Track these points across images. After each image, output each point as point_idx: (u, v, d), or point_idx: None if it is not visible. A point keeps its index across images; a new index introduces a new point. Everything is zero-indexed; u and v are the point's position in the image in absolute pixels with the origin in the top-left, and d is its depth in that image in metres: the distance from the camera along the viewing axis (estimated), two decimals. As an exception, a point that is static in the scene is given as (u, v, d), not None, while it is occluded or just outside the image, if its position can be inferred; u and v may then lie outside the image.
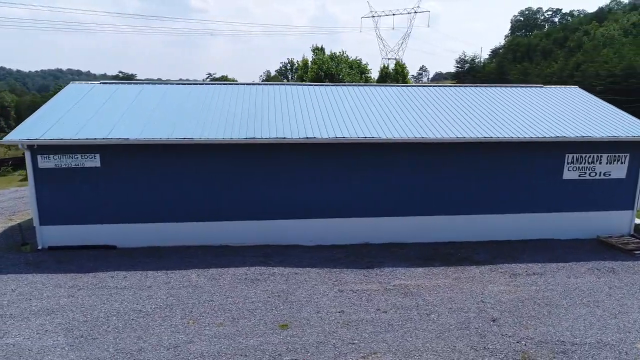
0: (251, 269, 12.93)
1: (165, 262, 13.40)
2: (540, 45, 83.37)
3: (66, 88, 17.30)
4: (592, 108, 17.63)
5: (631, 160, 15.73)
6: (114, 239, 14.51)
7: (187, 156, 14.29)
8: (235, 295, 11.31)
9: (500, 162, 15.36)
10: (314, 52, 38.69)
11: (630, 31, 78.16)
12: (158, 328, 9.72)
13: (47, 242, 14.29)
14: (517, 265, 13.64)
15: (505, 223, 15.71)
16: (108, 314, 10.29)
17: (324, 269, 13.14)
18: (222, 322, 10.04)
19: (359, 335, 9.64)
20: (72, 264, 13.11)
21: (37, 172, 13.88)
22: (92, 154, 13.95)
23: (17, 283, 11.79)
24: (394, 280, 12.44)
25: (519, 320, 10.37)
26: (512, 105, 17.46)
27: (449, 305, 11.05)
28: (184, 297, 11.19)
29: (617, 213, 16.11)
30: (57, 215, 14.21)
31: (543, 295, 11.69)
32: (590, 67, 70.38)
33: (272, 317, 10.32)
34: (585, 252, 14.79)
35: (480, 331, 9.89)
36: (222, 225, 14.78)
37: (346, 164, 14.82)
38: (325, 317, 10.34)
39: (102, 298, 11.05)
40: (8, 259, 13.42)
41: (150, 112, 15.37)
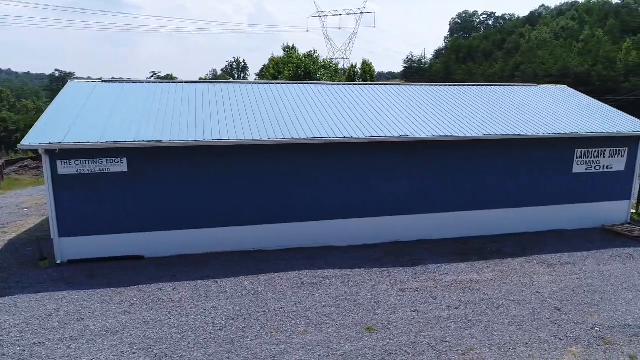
0: (302, 273, 12.61)
1: (207, 270, 12.72)
2: (481, 47, 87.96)
3: (67, 88, 15.88)
4: (588, 106, 18.89)
5: (629, 153, 17.04)
6: (141, 249, 13.56)
7: (219, 158, 13.64)
8: (302, 301, 10.98)
9: (518, 158, 16.04)
10: (285, 51, 38.31)
11: (560, 34, 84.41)
12: (243, 340, 9.23)
13: (66, 255, 13.08)
14: (546, 256, 14.33)
15: (522, 216, 16.44)
16: (180, 329, 9.61)
17: (372, 269, 13.09)
18: (306, 329, 9.72)
19: (446, 333, 9.71)
20: (106, 278, 12.09)
21: (56, 179, 12.65)
22: (118, 157, 12.93)
23: (57, 302, 10.70)
24: (446, 277, 12.64)
25: (580, 308, 10.92)
26: (522, 103, 18.29)
27: (510, 298, 11.40)
28: (249, 305, 10.70)
29: (617, 203, 17.40)
30: (78, 226, 13.05)
31: (586, 282, 12.37)
32: (529, 68, 75.41)
33: (351, 320, 10.13)
34: (599, 241, 15.82)
35: (553, 321, 10.31)
36: (254, 230, 14.27)
37: (377, 164, 14.82)
38: (403, 317, 10.31)
39: (163, 312, 10.30)
40: (30, 276, 12.13)
41: (171, 112, 14.51)
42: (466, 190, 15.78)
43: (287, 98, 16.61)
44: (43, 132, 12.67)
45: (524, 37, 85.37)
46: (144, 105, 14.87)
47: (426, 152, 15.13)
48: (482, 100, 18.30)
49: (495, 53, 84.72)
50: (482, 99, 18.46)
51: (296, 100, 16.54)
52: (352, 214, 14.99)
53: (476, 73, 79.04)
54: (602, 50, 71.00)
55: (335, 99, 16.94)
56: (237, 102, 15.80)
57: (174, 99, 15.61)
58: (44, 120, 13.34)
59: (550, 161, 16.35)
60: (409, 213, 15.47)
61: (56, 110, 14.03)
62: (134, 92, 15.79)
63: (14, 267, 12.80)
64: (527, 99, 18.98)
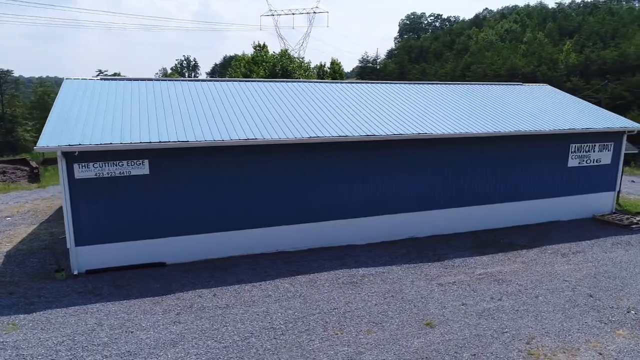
0: (338, 272, 12.51)
1: (239, 274, 12.32)
2: (432, 48, 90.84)
3: (66, 86, 14.77)
4: (573, 103, 20.07)
5: (615, 148, 18.28)
6: (163, 255, 12.90)
7: (241, 158, 13.23)
8: (352, 300, 10.90)
9: (521, 154, 16.75)
10: (256, 50, 37.66)
11: (505, 37, 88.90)
12: (311, 344, 9.04)
13: (84, 265, 12.20)
14: (556, 246, 15.09)
15: (525, 209, 17.20)
16: (242, 336, 9.26)
17: (402, 265, 13.21)
18: (369, 328, 9.67)
19: (502, 323, 10.00)
20: (134, 287, 11.41)
21: (73, 183, 11.77)
22: (140, 160, 12.22)
23: (94, 316, 9.96)
24: (475, 270, 12.99)
25: (609, 294, 11.60)
26: (516, 101, 19.10)
27: (543, 287, 11.91)
28: (301, 308, 10.48)
29: (604, 194, 18.62)
30: (96, 233, 12.21)
31: (603, 270, 13.15)
32: (479, 68, 78.76)
33: (407, 317, 10.19)
34: (595, 230, 16.86)
35: (590, 306, 10.88)
36: (276, 231, 13.97)
37: (395, 162, 14.96)
38: (455, 311, 10.50)
39: (216, 320, 9.87)
40: (50, 290, 11.20)
41: (186, 112, 13.91)
42: (475, 185, 16.28)
43: (299, 96, 16.41)
44: (58, 133, 11.74)
45: (472, 38, 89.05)
46: (156, 105, 14.15)
47: (442, 149, 15.46)
48: (482, 98, 18.94)
49: (446, 54, 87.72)
50: (482, 97, 19.11)
51: (309, 98, 16.37)
52: (370, 213, 15.04)
53: (429, 73, 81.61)
54: (545, 52, 75.53)
55: (344, 98, 16.92)
56: (250, 101, 15.40)
57: (183, 97, 14.97)
58: (54, 121, 12.36)
59: (550, 156, 17.22)
60: (423, 209, 15.73)
61: (63, 111, 13.03)
62: (140, 91, 14.98)
63: (27, 280, 11.77)
64: (519, 97, 19.86)
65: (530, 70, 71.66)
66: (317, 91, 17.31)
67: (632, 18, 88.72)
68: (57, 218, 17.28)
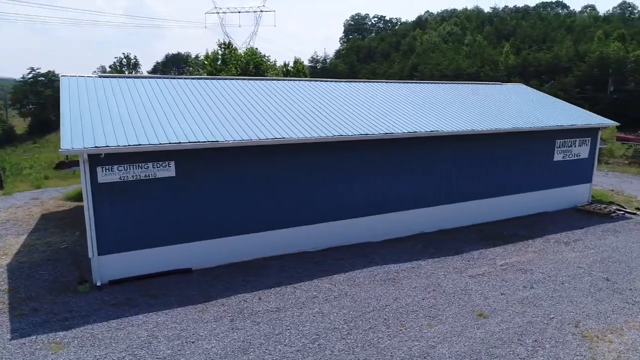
0: (372, 270, 12.59)
1: (274, 276, 12.05)
2: (379, 48, 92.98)
3: (66, 84, 13.67)
4: (551, 101, 21.42)
5: (591, 142, 19.74)
6: (189, 261, 12.34)
7: (264, 157, 12.94)
8: (399, 296, 11.03)
9: (516, 150, 17.64)
10: (220, 47, 36.70)
11: (447, 39, 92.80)
12: (382, 341, 9.07)
13: (107, 275, 11.41)
14: (555, 235, 16.06)
15: (519, 202, 18.16)
16: (310, 338, 9.10)
17: (427, 260, 13.51)
18: (428, 322, 9.84)
19: (545, 310, 10.54)
20: (171, 296, 10.83)
21: (96, 188, 10.96)
22: (166, 161, 11.61)
23: (143, 328, 9.36)
24: (495, 261, 13.56)
25: (622, 277, 12.55)
26: (503, 100, 20.07)
27: (564, 274, 12.66)
28: (353, 306, 10.45)
29: (582, 186, 20.05)
30: (120, 241, 11.46)
31: (606, 255, 14.18)
32: (426, 69, 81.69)
33: (458, 309, 10.47)
34: (581, 219, 18.12)
35: (613, 290, 11.73)
36: (298, 231, 13.80)
37: (407, 159, 15.26)
38: (498, 301, 10.93)
39: (274, 324, 9.62)
40: (78, 303, 10.36)
41: (204, 111, 13.39)
42: (477, 180, 16.96)
43: (315, 95, 16.29)
44: (79, 135, 10.89)
45: (417, 40, 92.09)
46: (170, 103, 13.49)
47: (448, 147, 15.95)
48: (475, 97, 19.72)
49: (393, 54, 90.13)
50: (475, 96, 19.89)
51: (326, 97, 16.34)
52: (383, 210, 15.23)
53: (379, 73, 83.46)
54: (486, 53, 79.70)
55: (349, 97, 17.01)
56: (270, 100, 15.13)
57: (199, 95, 14.41)
58: (70, 121, 11.44)
59: (539, 151, 18.29)
60: (431, 205, 16.17)
61: (74, 111, 12.08)
62: (149, 89, 14.21)
63: (46, 294, 10.82)
64: (506, 96, 20.89)
65: (474, 71, 75.28)
66: (330, 90, 17.30)
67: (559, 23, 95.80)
68: (45, 227, 15.98)
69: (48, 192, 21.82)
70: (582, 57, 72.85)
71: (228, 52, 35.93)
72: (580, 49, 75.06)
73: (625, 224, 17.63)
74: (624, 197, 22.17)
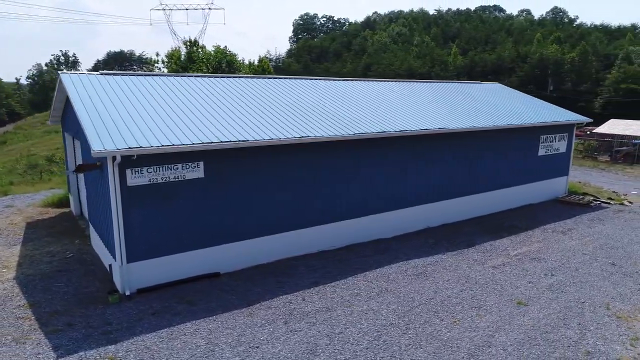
0: (400, 265, 12.76)
1: (305, 277, 11.91)
2: (331, 48, 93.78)
3: (71, 81, 12.73)
4: (528, 99, 22.62)
5: (568, 138, 21.08)
6: (216, 265, 11.93)
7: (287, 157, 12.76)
8: (438, 289, 11.26)
9: (506, 146, 18.50)
10: (186, 45, 35.42)
11: (397, 39, 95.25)
12: (442, 333, 9.24)
13: (136, 284, 10.78)
14: (550, 225, 17.02)
15: (510, 195, 19.05)
16: (372, 335, 9.10)
17: (446, 253, 13.88)
18: (477, 313, 10.13)
19: (574, 295, 11.18)
20: (211, 301, 10.43)
21: (126, 192, 10.33)
22: (195, 162, 11.15)
23: (198, 336, 8.95)
24: (509, 252, 14.17)
25: (624, 261, 13.53)
26: (486, 98, 20.93)
27: (574, 261, 13.46)
28: (398, 302, 10.56)
29: (561, 179, 21.37)
30: (149, 247, 10.87)
31: (603, 242, 15.21)
32: (379, 68, 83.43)
33: (497, 298, 10.86)
34: (566, 210, 19.32)
35: (622, 273, 12.62)
36: (317, 231, 13.71)
37: (420, 156, 15.58)
38: (530, 288, 11.45)
39: (330, 323, 9.53)
40: (115, 315, 9.72)
41: (231, 109, 13.04)
42: (478, 176, 17.62)
43: (333, 94, 16.22)
44: (105, 136, 10.21)
45: (367, 40, 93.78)
46: (188, 102, 12.97)
47: (453, 144, 16.44)
48: (466, 96, 20.43)
49: (345, 54, 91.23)
50: (466, 95, 20.61)
51: (344, 96, 16.34)
52: (395, 207, 15.45)
53: (332, 72, 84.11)
54: (435, 54, 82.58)
55: (361, 95, 17.11)
56: (291, 98, 14.93)
57: (214, 94, 13.94)
58: (89, 122, 10.69)
59: (527, 147, 19.30)
60: (436, 201, 16.60)
61: (91, 110, 11.30)
62: (160, 87, 13.56)
63: (73, 308, 10.06)
64: (490, 95, 21.81)
65: (426, 70, 77.84)
66: (341, 89, 17.33)
67: (498, 26, 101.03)
68: (37, 236, 14.82)
69: (19, 198, 20.22)
70: (524, 58, 77.28)
71: (196, 50, 34.88)
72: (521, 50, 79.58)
73: (605, 212, 18.98)
74: (592, 188, 23.85)
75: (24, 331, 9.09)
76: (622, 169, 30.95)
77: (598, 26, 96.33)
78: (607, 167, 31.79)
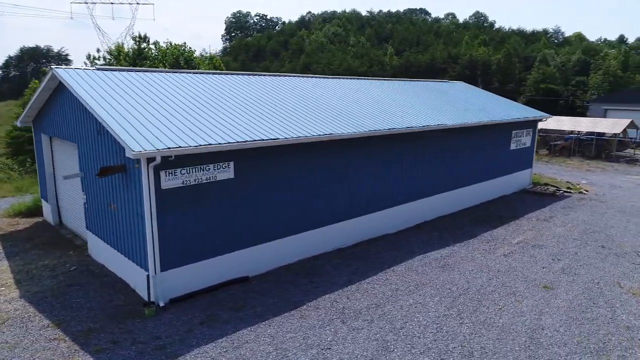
0: (422, 258, 13.04)
1: (335, 275, 11.81)
2: (268, 47, 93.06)
3: (68, 76, 11.56)
4: (492, 96, 23.99)
5: (532, 133, 22.66)
6: (245, 268, 11.47)
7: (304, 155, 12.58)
8: (468, 279, 11.66)
9: (485, 141, 19.50)
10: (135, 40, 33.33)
11: (333, 39, 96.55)
12: (494, 321, 9.60)
13: (168, 293, 10.09)
14: (531, 214, 18.21)
15: (489, 188, 20.11)
16: (435, 328, 9.25)
17: (455, 245, 14.39)
18: (515, 299, 10.63)
19: (587, 277, 12.08)
20: (255, 306, 10.02)
21: (160, 195, 9.64)
22: (225, 162, 10.65)
23: (261, 341, 8.58)
24: (510, 240, 14.97)
25: (610, 244, 14.83)
26: (457, 96, 21.90)
27: (569, 246, 14.52)
28: (439, 294, 10.81)
29: (526, 171, 22.91)
30: (181, 253, 10.22)
31: (583, 228, 16.53)
32: (318, 68, 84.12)
33: (525, 285, 11.46)
34: (538, 199, 20.74)
35: (615, 255, 13.82)
36: (333, 229, 13.63)
37: (423, 152, 16.00)
38: (547, 274, 12.19)
39: (389, 320, 9.55)
40: (159, 328, 9.02)
41: (250, 107, 12.56)
42: (465, 170, 18.40)
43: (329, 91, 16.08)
44: (137, 135, 9.45)
45: (304, 39, 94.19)
46: (209, 100, 12.36)
47: (444, 140, 17.05)
48: (434, 93, 21.21)
49: (282, 53, 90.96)
50: (433, 92, 21.39)
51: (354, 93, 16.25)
52: (396, 203, 15.76)
53: (272, 71, 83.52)
54: (373, 54, 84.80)
55: (361, 94, 17.19)
56: (300, 95, 14.63)
57: (233, 91, 13.37)
58: (113, 121, 9.83)
59: (502, 142, 20.48)
60: (431, 195, 17.13)
61: (108, 108, 10.37)
62: (172, 84, 12.77)
63: (109, 323, 9.21)
64: (458, 92, 22.82)
65: (364, 70, 79.68)
66: (351, 87, 17.19)
67: (427, 28, 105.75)
68: (20, 249, 13.35)
69: (-27, 209, 18.05)
70: (455, 59, 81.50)
71: (146, 46, 33.00)
72: (452, 52, 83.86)
73: (570, 201, 20.63)
74: (548, 179, 25.78)
75: (64, 353, 8.20)
76: (563, 161, 33.75)
77: (515, 30, 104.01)
78: (549, 160, 34.49)
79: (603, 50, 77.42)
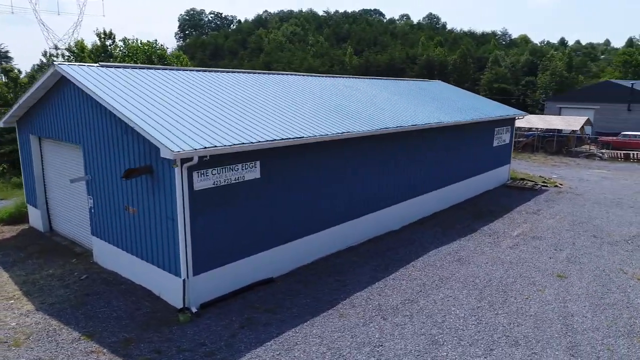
0: (437, 253, 13.29)
1: (359, 273, 11.82)
2: (226, 45, 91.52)
3: (77, 73, 10.86)
4: (471, 95, 24.80)
5: (511, 130, 23.62)
6: (270, 269, 11.26)
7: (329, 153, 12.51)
8: (488, 272, 12.01)
9: (472, 139, 20.12)
10: (100, 37, 31.66)
11: (292, 39, 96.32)
12: (524, 310, 9.94)
13: (199, 298, 9.74)
14: (519, 208, 18.99)
15: (475, 183, 20.78)
16: (474, 320, 9.46)
17: (461, 239, 14.77)
18: (537, 288, 11.06)
19: (592, 265, 12.75)
20: (291, 307, 9.87)
21: (193, 196, 9.29)
22: (252, 162, 10.40)
23: (315, 343, 8.47)
24: (509, 233, 15.55)
25: (601, 233, 15.71)
26: (440, 95, 22.48)
27: (565, 237, 15.27)
28: (466, 287, 11.07)
29: (506, 166, 23.85)
30: (212, 256, 9.90)
31: (572, 219, 17.41)
32: (279, 67, 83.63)
33: (540, 275, 11.95)
34: (519, 194, 21.64)
35: (608, 243, 14.67)
36: (345, 227, 13.65)
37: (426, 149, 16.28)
38: (556, 264, 12.76)
39: (428, 314, 9.68)
40: (202, 336, 8.68)
41: (271, 106, 12.32)
42: (458, 166, 18.92)
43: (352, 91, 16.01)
44: (171, 135, 9.06)
45: (263, 39, 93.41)
46: (229, 99, 12.02)
47: (442, 137, 17.45)
48: (420, 92, 21.68)
49: (241, 52, 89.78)
50: (420, 91, 21.85)
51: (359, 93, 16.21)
52: (401, 199, 15.98)
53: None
54: (332, 54, 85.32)
55: (360, 92, 17.24)
56: (317, 95, 14.45)
57: (253, 90, 13.01)
58: (142, 121, 9.37)
59: (487, 139, 21.21)
60: (428, 192, 17.49)
61: (132, 107, 9.85)
62: (185, 83, 12.30)
63: (144, 333, 8.77)
64: (442, 92, 23.42)
65: (325, 70, 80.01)
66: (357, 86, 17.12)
67: (383, 29, 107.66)
68: (16, 259, 12.45)
69: (-58, 218, 16.61)
70: (413, 59, 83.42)
71: (112, 43, 31.53)
72: (410, 52, 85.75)
73: (549, 195, 21.68)
74: (522, 174, 26.95)
75: (108, 366, 7.74)
76: (528, 157, 35.38)
77: (467, 32, 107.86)
78: (516, 156, 36.02)
79: (549, 52, 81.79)
